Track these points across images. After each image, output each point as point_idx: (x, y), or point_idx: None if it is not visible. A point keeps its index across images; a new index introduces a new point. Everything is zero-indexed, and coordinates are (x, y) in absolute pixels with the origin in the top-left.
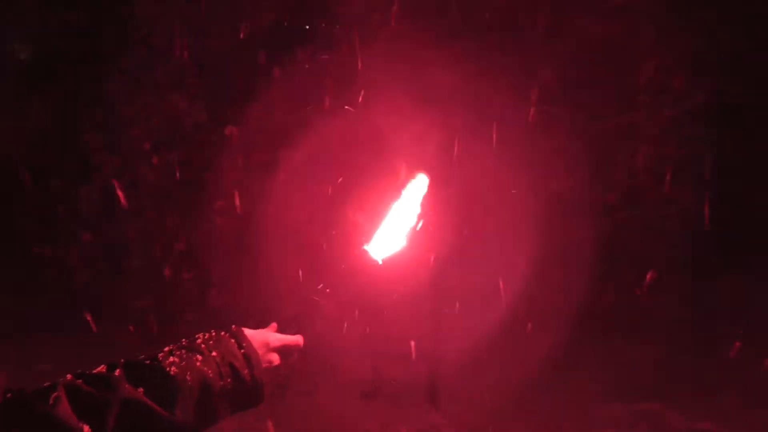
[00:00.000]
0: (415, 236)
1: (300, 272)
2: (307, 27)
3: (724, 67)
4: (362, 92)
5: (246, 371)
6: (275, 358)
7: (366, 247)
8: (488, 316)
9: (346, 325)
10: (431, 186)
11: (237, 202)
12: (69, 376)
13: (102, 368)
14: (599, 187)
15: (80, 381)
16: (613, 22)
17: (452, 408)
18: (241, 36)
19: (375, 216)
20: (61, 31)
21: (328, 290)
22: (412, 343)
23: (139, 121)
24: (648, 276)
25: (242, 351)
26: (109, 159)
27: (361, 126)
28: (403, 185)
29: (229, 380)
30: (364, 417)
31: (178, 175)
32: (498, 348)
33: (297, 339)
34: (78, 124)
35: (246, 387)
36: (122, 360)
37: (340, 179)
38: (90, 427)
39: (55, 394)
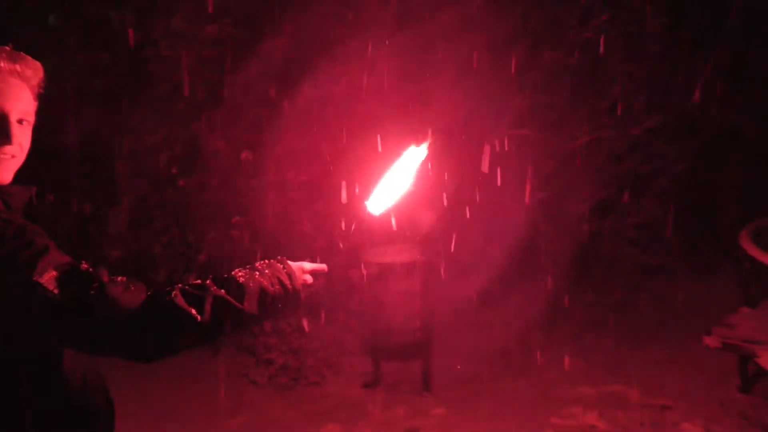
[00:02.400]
0: (407, 197)
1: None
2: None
3: (681, 89)
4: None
5: (288, 282)
6: (309, 279)
7: (366, 203)
8: (471, 311)
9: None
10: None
11: (251, 216)
12: (179, 285)
13: (198, 281)
14: (573, 199)
15: (188, 287)
16: (581, 53)
17: (443, 393)
18: (254, 72)
19: (375, 178)
20: (93, 69)
21: (341, 235)
22: (408, 337)
23: (163, 149)
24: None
25: (285, 270)
26: (136, 183)
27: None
28: (402, 152)
29: (278, 287)
30: (366, 401)
31: (198, 195)
32: (480, 339)
33: (323, 266)
34: (108, 153)
35: (289, 293)
36: (210, 275)
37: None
38: (195, 311)
39: (174, 292)
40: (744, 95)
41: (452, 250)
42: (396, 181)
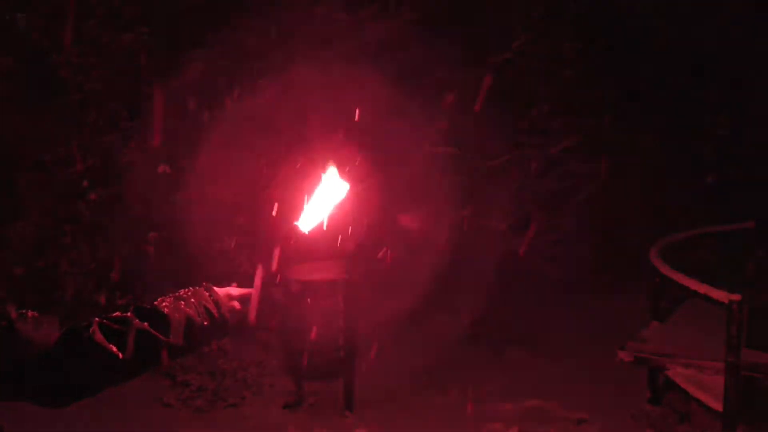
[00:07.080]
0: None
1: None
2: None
3: (596, 110)
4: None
5: (215, 311)
6: (236, 305)
7: (296, 223)
8: (394, 329)
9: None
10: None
11: (168, 232)
12: (97, 319)
13: (118, 313)
14: (496, 216)
15: (106, 320)
16: (500, 74)
17: (365, 411)
18: (173, 83)
19: (302, 199)
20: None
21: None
22: (331, 356)
23: (74, 161)
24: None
25: (212, 298)
26: (43, 196)
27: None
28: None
29: (205, 316)
30: (286, 422)
31: (112, 209)
32: (403, 356)
33: (251, 290)
34: (8, 164)
35: (216, 322)
36: (132, 306)
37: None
38: (116, 347)
39: (93, 328)
40: (649, 118)
41: (376, 267)
42: (324, 197)
